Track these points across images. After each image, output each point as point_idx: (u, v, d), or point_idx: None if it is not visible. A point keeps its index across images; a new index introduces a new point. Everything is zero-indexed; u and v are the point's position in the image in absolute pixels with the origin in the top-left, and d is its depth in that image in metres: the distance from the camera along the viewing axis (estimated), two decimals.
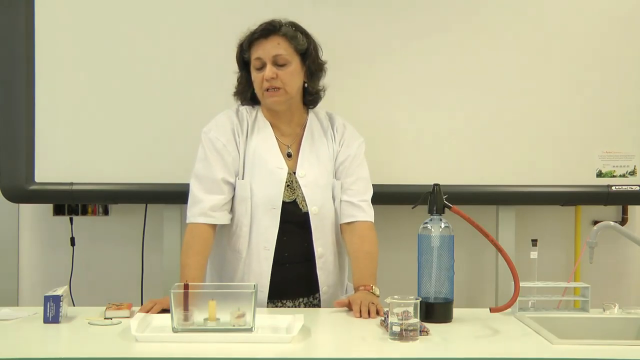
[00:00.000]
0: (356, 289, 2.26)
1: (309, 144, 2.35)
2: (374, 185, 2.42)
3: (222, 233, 2.33)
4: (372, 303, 2.11)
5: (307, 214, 2.30)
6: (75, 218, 3.09)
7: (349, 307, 2.15)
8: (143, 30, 2.86)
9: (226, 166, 2.29)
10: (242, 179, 2.30)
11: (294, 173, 2.32)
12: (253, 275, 2.28)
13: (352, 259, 2.33)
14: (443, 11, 2.91)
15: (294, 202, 2.30)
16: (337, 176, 2.37)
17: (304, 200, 2.30)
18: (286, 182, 2.30)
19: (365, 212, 2.35)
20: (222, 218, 2.29)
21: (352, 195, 2.35)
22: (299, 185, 2.31)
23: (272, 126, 2.35)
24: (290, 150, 2.35)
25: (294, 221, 2.29)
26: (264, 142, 2.32)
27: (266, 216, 2.28)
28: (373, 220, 2.37)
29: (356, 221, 2.34)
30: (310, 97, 2.38)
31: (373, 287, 2.24)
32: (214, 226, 2.29)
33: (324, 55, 2.41)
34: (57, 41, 2.84)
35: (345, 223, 2.35)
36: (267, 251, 2.28)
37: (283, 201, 2.29)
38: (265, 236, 2.28)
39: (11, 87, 2.83)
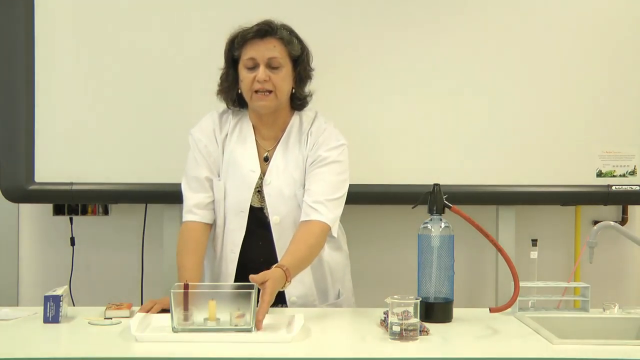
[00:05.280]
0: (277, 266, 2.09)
1: (283, 150, 2.30)
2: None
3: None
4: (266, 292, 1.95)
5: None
6: (75, 218, 3.09)
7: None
8: (143, 30, 2.86)
9: (209, 166, 2.30)
10: (219, 180, 2.30)
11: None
12: (222, 276, 2.29)
13: (290, 242, 2.19)
14: (443, 10, 2.92)
15: (261, 209, 2.28)
16: (305, 179, 2.28)
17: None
18: (257, 188, 2.28)
19: (320, 213, 2.20)
20: (206, 216, 2.29)
21: (307, 195, 2.24)
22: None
23: (255, 129, 2.32)
24: (267, 155, 2.31)
25: (262, 228, 2.28)
26: (243, 144, 2.30)
27: (235, 219, 2.28)
28: (329, 223, 2.21)
29: (309, 220, 2.21)
30: (299, 101, 2.33)
31: (288, 272, 2.05)
32: (205, 224, 2.29)
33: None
34: (57, 41, 2.84)
35: (301, 222, 2.24)
36: (233, 254, 2.28)
37: (252, 206, 2.27)
38: (232, 239, 2.28)
39: (11, 87, 2.83)
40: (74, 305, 2.61)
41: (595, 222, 2.97)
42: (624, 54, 2.95)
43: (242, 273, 2.22)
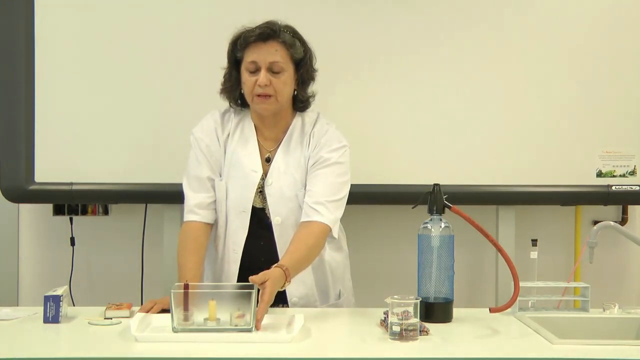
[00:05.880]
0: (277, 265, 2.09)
1: (284, 151, 2.30)
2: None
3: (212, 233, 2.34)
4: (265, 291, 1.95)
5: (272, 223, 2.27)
6: (75, 218, 3.09)
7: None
8: (143, 30, 2.86)
9: (210, 166, 2.30)
10: (221, 179, 2.31)
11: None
12: (224, 276, 2.29)
13: (290, 242, 2.20)
14: (442, 11, 2.91)
15: (263, 210, 2.29)
16: (307, 180, 2.29)
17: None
18: (259, 188, 2.28)
19: (320, 214, 2.20)
20: (207, 216, 2.29)
21: (308, 196, 2.24)
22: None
23: (257, 129, 2.32)
24: (269, 155, 2.31)
25: (263, 228, 2.28)
26: (245, 144, 2.30)
27: (237, 219, 2.28)
28: (329, 224, 2.21)
29: (310, 220, 2.22)
30: (301, 103, 2.33)
31: (288, 272, 2.05)
32: (206, 224, 2.29)
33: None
34: (57, 41, 2.84)
35: (302, 222, 2.24)
36: (235, 254, 2.28)
37: (254, 207, 2.27)
38: (235, 239, 2.28)
39: (11, 87, 2.83)
40: (74, 305, 2.62)
41: (595, 222, 2.97)
42: (624, 54, 2.95)
43: (243, 273, 2.23)
